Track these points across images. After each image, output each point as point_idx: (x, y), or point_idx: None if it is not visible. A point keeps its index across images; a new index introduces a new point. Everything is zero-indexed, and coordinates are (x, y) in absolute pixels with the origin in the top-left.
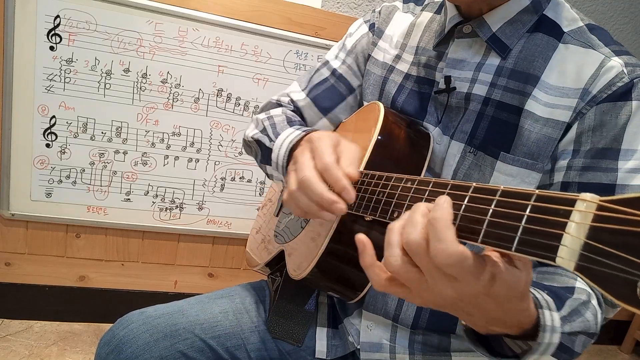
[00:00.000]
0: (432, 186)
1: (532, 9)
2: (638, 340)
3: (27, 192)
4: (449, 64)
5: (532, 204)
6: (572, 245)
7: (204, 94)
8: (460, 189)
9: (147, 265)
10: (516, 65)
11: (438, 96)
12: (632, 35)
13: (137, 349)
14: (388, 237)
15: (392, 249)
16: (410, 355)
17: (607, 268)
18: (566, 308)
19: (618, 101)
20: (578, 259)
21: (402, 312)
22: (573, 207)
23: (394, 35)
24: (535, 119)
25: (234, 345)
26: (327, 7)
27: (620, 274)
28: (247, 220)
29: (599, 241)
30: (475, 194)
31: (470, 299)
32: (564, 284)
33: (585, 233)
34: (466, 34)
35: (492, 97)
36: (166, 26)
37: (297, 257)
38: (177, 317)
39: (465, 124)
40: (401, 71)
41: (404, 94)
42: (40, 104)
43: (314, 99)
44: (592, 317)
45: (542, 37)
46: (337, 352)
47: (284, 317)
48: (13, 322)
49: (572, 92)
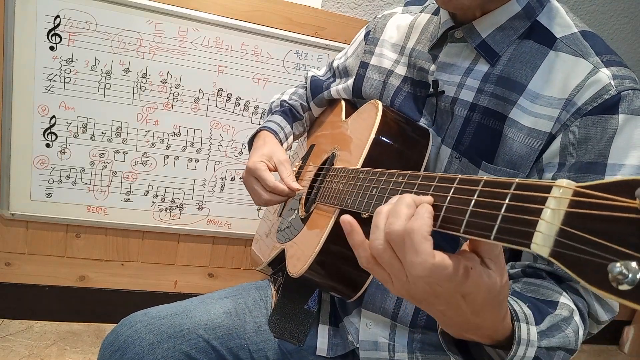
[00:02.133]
0: (421, 179)
1: (524, 15)
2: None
3: (27, 192)
4: (440, 68)
5: (512, 192)
6: (547, 232)
7: (204, 94)
8: (447, 181)
9: (147, 265)
10: (503, 72)
11: (430, 99)
12: (632, 35)
13: (141, 350)
14: (375, 220)
15: (378, 232)
16: (409, 353)
17: (581, 253)
18: (546, 323)
19: (604, 114)
20: (553, 244)
21: (401, 310)
22: (549, 194)
23: (391, 39)
24: (519, 128)
25: (237, 346)
26: (327, 7)
27: (592, 259)
28: (247, 220)
29: (573, 227)
30: (460, 185)
31: (445, 297)
32: (548, 298)
33: (560, 219)
34: (457, 39)
35: (478, 103)
36: (166, 26)
37: (296, 255)
38: (180, 318)
39: (452, 129)
40: (399, 75)
41: (402, 96)
42: (40, 104)
43: (314, 97)
44: (572, 334)
45: (533, 45)
46: (337, 350)
47: (285, 317)
48: (13, 322)
49: (556, 102)
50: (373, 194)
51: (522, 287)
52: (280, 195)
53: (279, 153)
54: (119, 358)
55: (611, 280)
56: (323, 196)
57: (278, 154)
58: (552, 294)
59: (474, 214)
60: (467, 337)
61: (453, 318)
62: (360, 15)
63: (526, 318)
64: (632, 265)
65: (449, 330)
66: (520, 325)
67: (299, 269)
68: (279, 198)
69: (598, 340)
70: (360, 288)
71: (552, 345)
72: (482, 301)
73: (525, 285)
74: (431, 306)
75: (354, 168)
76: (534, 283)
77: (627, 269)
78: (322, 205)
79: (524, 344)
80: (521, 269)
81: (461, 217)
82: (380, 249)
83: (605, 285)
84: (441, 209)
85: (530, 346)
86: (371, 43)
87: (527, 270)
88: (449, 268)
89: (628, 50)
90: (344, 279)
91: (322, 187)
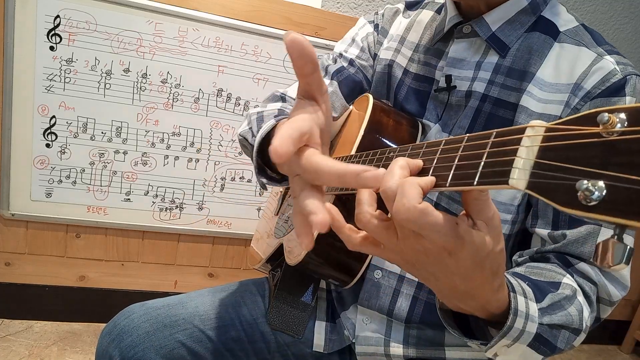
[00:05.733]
0: (410, 150)
1: (530, 10)
2: (638, 340)
3: (27, 192)
4: (449, 63)
5: (491, 141)
6: (523, 167)
7: (204, 94)
8: (434, 145)
9: (147, 265)
10: (513, 63)
11: (438, 94)
12: (632, 35)
13: (137, 338)
14: (358, 195)
15: (361, 206)
16: (404, 348)
17: (553, 179)
18: (547, 300)
19: (612, 97)
20: (529, 177)
21: (396, 307)
22: (523, 134)
23: (395, 33)
24: (529, 114)
25: (232, 337)
26: (327, 7)
27: (563, 182)
28: (247, 220)
29: (547, 158)
30: (446, 146)
31: (434, 255)
32: (551, 279)
33: (535, 154)
34: (466, 34)
35: (489, 93)
36: (166, 26)
37: (293, 244)
38: (177, 309)
39: (463, 120)
40: (400, 65)
41: (404, 90)
42: (40, 104)
43: (339, 84)
44: (576, 312)
45: (539, 35)
46: (333, 346)
47: (283, 309)
48: (13, 322)
49: (564, 87)
50: None
51: (525, 270)
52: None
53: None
54: (115, 346)
55: (580, 198)
56: None
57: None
58: (555, 276)
59: (459, 167)
60: (463, 308)
61: (445, 282)
62: (360, 15)
63: (524, 292)
64: (599, 183)
65: (444, 300)
66: (517, 297)
67: (296, 257)
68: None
69: (598, 340)
70: (357, 273)
71: (555, 322)
72: (470, 263)
73: (529, 269)
74: (423, 268)
75: (347, 155)
76: (537, 266)
77: (593, 185)
78: None
79: (522, 316)
80: (529, 256)
81: (447, 172)
82: (365, 220)
83: (576, 204)
84: (429, 170)
85: (529, 320)
86: (382, 34)
87: (535, 256)
88: (434, 216)
89: (628, 50)
90: (339, 265)
91: None
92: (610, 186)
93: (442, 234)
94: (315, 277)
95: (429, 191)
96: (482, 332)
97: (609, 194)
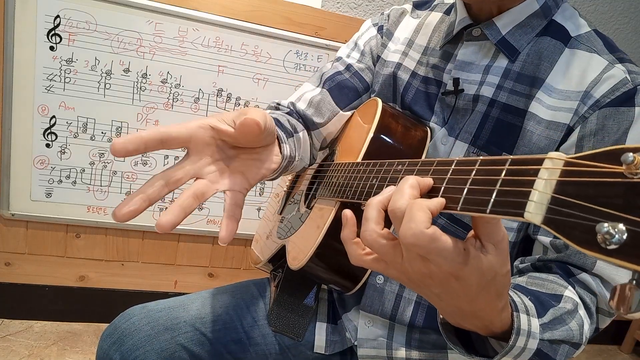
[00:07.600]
0: (420, 165)
1: (541, 14)
2: (638, 340)
3: (27, 192)
4: (458, 66)
5: (507, 168)
6: (539, 200)
7: (204, 94)
8: (445, 164)
9: (147, 265)
10: (523, 69)
11: (445, 97)
12: (632, 35)
13: (138, 341)
14: (366, 212)
15: (368, 223)
16: (407, 351)
17: (570, 217)
18: (548, 315)
19: (621, 106)
20: (545, 212)
21: (399, 312)
22: (541, 166)
23: (402, 33)
24: (538, 121)
25: (233, 339)
26: (327, 7)
27: (581, 222)
28: (247, 220)
29: (564, 194)
30: (458, 167)
31: (440, 278)
32: (552, 291)
33: (552, 188)
34: (475, 37)
35: (497, 99)
36: (166, 26)
37: (297, 248)
38: (178, 311)
39: (470, 125)
40: (408, 68)
41: (412, 92)
42: (40, 104)
43: (330, 90)
44: (576, 327)
45: (550, 40)
46: (335, 347)
47: (284, 311)
48: (13, 322)
49: (574, 94)
50: (373, 184)
51: (526, 281)
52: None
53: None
54: (116, 349)
55: (599, 240)
56: (323, 191)
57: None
58: (556, 288)
59: (471, 191)
60: (466, 326)
61: (449, 303)
62: (360, 15)
63: (526, 309)
64: (619, 226)
65: (448, 318)
66: (520, 315)
67: (299, 262)
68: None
69: (598, 340)
70: (360, 280)
71: (556, 338)
72: (476, 287)
73: (530, 279)
74: (428, 289)
75: (354, 162)
76: (539, 277)
77: (614, 228)
78: (323, 199)
79: (524, 334)
80: (531, 263)
81: (458, 195)
82: (371, 239)
83: (594, 246)
84: (439, 190)
85: (531, 338)
86: (386, 37)
87: (537, 264)
88: (442, 241)
89: (628, 50)
90: (343, 271)
91: (323, 183)
92: (631, 231)
93: (450, 259)
94: (317, 281)
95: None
96: (482, 343)
97: (630, 238)
